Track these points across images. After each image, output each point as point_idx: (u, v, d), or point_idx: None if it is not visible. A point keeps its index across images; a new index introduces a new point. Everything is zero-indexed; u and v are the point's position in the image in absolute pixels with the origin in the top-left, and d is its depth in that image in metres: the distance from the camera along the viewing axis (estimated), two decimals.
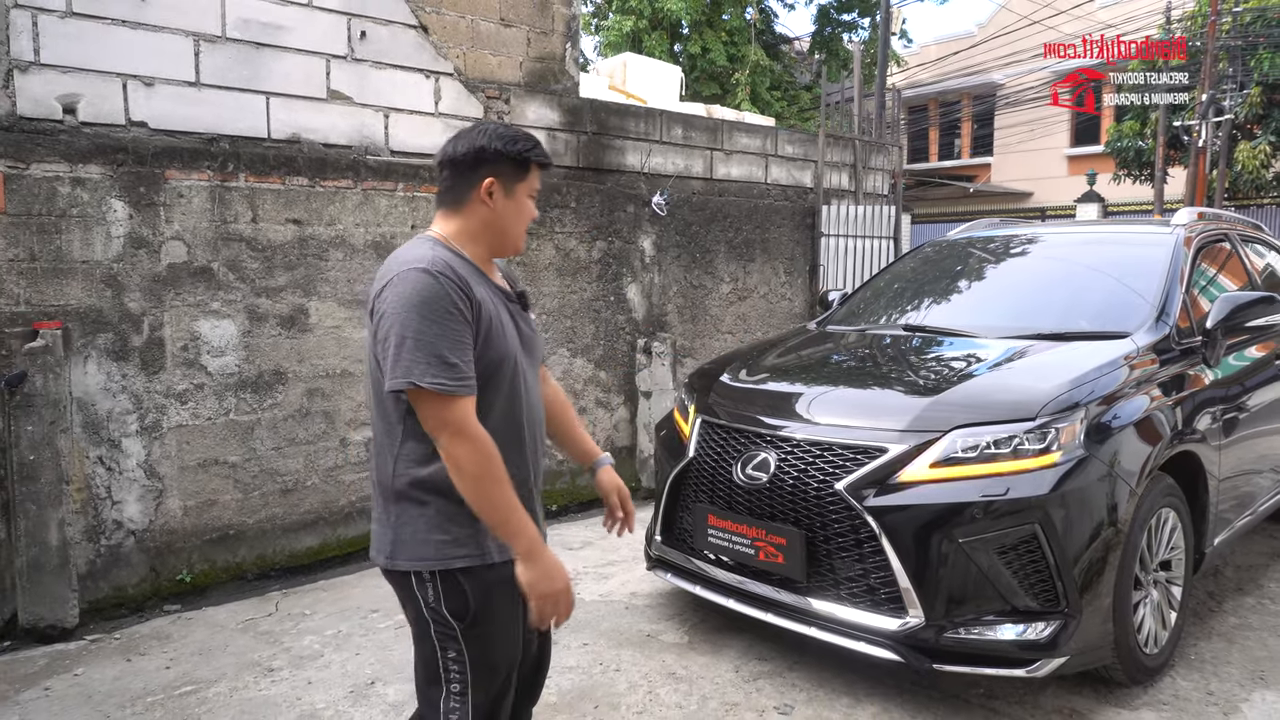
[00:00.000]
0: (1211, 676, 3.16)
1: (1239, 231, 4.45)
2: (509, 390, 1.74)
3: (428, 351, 1.59)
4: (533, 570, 1.65)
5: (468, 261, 1.74)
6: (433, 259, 1.66)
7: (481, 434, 1.62)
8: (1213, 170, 15.01)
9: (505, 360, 1.72)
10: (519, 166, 1.77)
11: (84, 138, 3.84)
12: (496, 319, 1.71)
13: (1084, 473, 2.75)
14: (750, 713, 2.90)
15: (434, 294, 1.61)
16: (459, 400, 1.61)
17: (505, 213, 1.78)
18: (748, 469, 3.08)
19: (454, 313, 1.62)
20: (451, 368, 1.60)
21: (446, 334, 1.61)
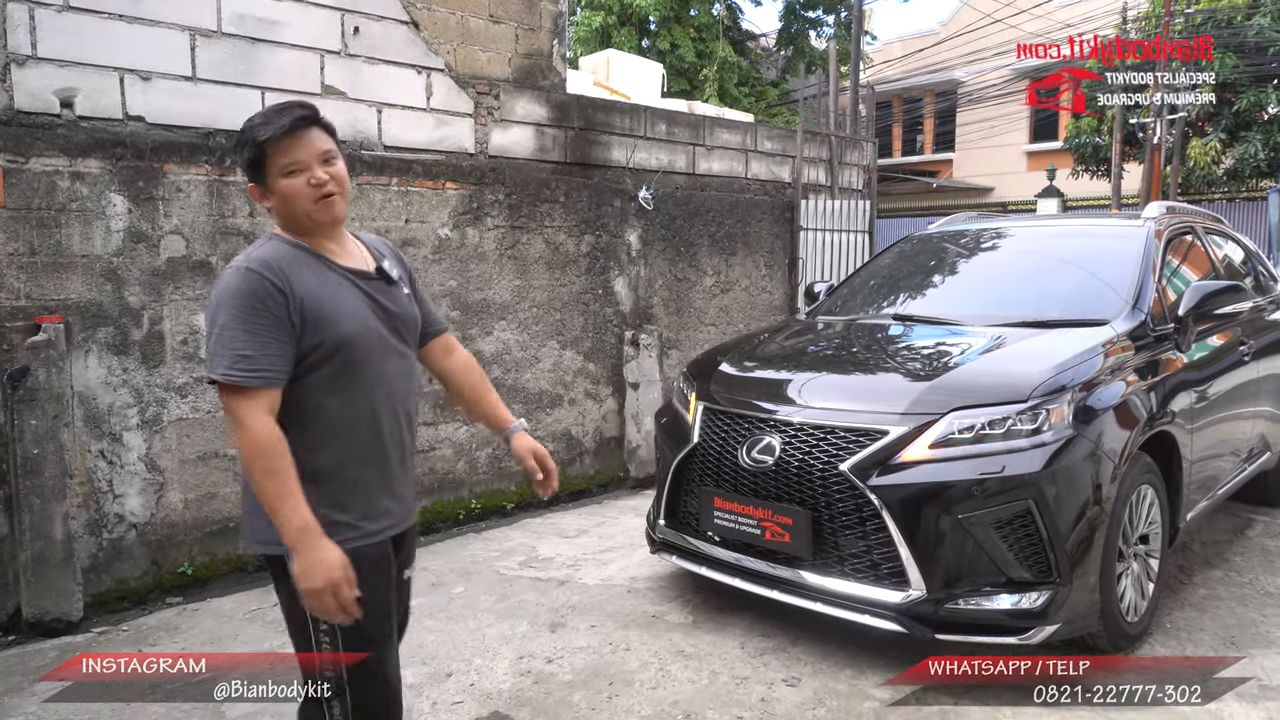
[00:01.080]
0: (1187, 643, 3.36)
1: (1203, 224, 4.68)
2: (352, 372, 1.79)
3: (225, 344, 1.67)
4: (300, 563, 1.66)
5: (303, 249, 1.80)
6: (250, 255, 1.75)
7: (260, 426, 1.66)
8: (1167, 166, 15.50)
9: (347, 342, 1.77)
10: (254, 165, 1.78)
11: (82, 132, 3.84)
12: (327, 304, 1.75)
13: (1072, 451, 2.92)
14: (760, 685, 3.03)
15: (238, 289, 1.69)
16: (246, 392, 1.67)
17: (279, 205, 1.80)
18: (753, 453, 3.21)
19: (258, 307, 1.68)
20: (245, 359, 1.66)
21: (248, 327, 1.67)
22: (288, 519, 1.66)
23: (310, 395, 1.76)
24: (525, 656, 3.27)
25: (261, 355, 1.69)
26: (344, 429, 1.79)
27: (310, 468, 1.73)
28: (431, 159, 5.01)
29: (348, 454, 1.80)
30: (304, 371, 1.75)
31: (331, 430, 1.78)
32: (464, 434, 5.16)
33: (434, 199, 4.98)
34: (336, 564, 1.67)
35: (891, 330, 3.89)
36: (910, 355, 3.53)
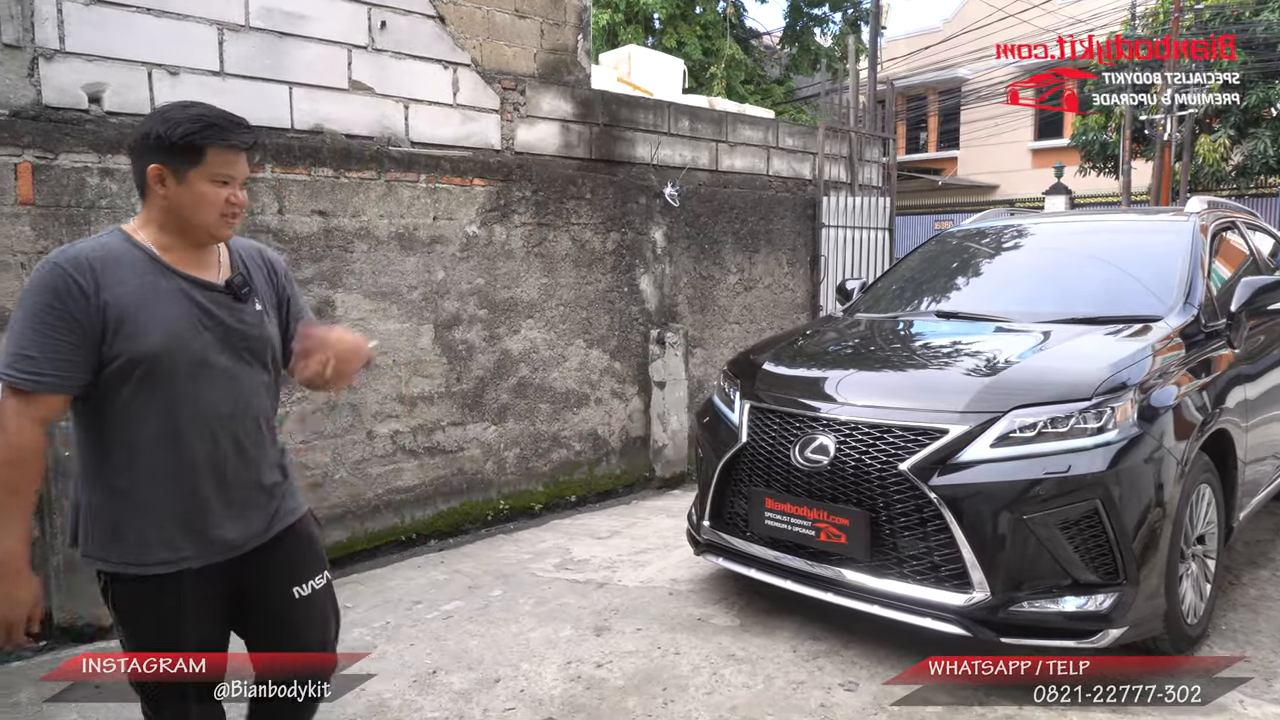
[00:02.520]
0: (1245, 644, 3.30)
1: (1243, 219, 4.62)
2: (154, 390, 1.68)
3: (12, 341, 1.60)
4: None
5: (138, 250, 1.69)
6: (67, 250, 1.66)
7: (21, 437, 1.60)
8: (1176, 163, 15.46)
9: (151, 355, 1.66)
10: (188, 151, 1.67)
11: (110, 127, 3.76)
12: (140, 313, 1.65)
13: (1138, 450, 2.85)
14: (817, 690, 2.96)
15: (41, 286, 1.61)
16: (28, 395, 1.60)
17: (181, 201, 1.69)
18: (807, 452, 3.14)
19: (55, 305, 1.59)
20: (27, 360, 1.59)
21: (38, 326, 1.59)
22: None
23: (108, 408, 1.67)
24: (573, 661, 3.20)
25: (45, 359, 1.59)
26: (140, 450, 1.68)
27: (103, 485, 1.68)
28: (459, 155, 4.93)
29: (141, 478, 1.69)
30: (104, 382, 1.65)
31: (125, 447, 1.68)
32: (492, 434, 5.09)
33: (461, 196, 4.90)
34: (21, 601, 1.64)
35: (937, 327, 3.83)
36: (962, 352, 3.46)
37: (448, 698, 2.97)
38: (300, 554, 1.91)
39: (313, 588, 1.91)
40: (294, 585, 1.89)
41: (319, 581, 1.92)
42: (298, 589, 1.89)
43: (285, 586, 1.88)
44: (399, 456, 4.72)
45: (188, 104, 1.75)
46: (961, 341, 3.60)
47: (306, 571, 1.92)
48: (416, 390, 4.77)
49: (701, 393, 6.21)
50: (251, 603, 1.86)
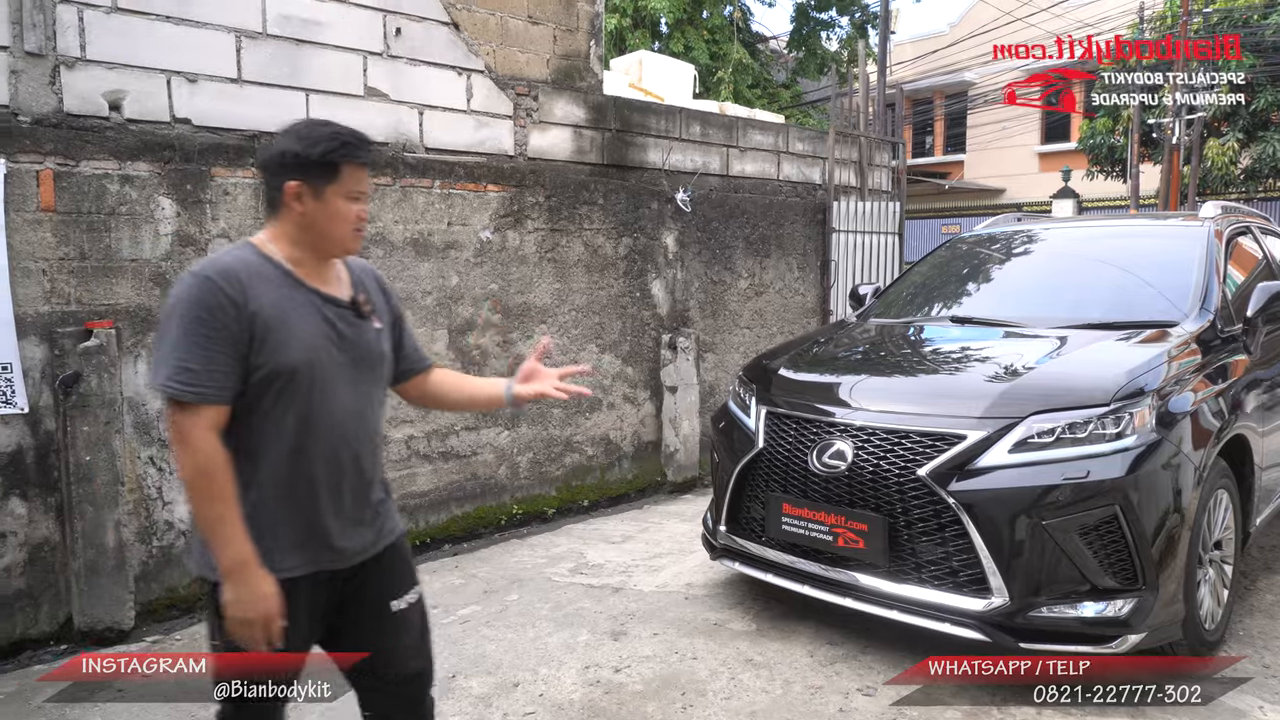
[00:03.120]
0: (1264, 650, 3.30)
1: (1257, 224, 4.62)
2: (288, 404, 1.70)
3: (172, 354, 1.61)
4: (233, 591, 1.65)
5: (273, 265, 1.72)
6: (210, 263, 1.68)
7: (205, 446, 1.61)
8: (1185, 166, 15.43)
9: (291, 369, 1.69)
10: (325, 169, 1.71)
11: (130, 135, 3.80)
12: (281, 327, 1.68)
13: (1157, 456, 2.86)
14: (836, 695, 2.97)
15: (192, 298, 1.62)
16: (190, 407, 1.61)
17: (317, 217, 1.73)
18: (824, 457, 3.15)
19: (206, 319, 1.61)
20: (188, 372, 1.60)
21: (196, 339, 1.60)
22: (226, 543, 1.63)
23: (245, 420, 1.69)
24: (591, 666, 3.21)
25: (205, 370, 1.61)
26: (270, 462, 1.71)
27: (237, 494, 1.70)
28: (473, 161, 4.96)
29: (269, 489, 1.72)
30: (247, 393, 1.68)
31: (257, 461, 1.71)
32: (505, 439, 5.11)
33: (475, 201, 4.93)
34: (270, 596, 1.66)
35: (952, 332, 3.84)
36: (978, 358, 3.47)
37: (468, 702, 2.99)
38: (397, 569, 1.94)
39: (408, 602, 1.94)
40: (391, 599, 1.91)
41: (413, 596, 1.95)
42: (394, 602, 1.92)
43: (384, 600, 1.90)
44: (413, 461, 4.74)
45: (321, 122, 1.78)
46: (977, 347, 3.60)
47: (402, 586, 1.95)
48: None
49: (713, 397, 6.22)
50: (348, 615, 1.88)
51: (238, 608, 1.65)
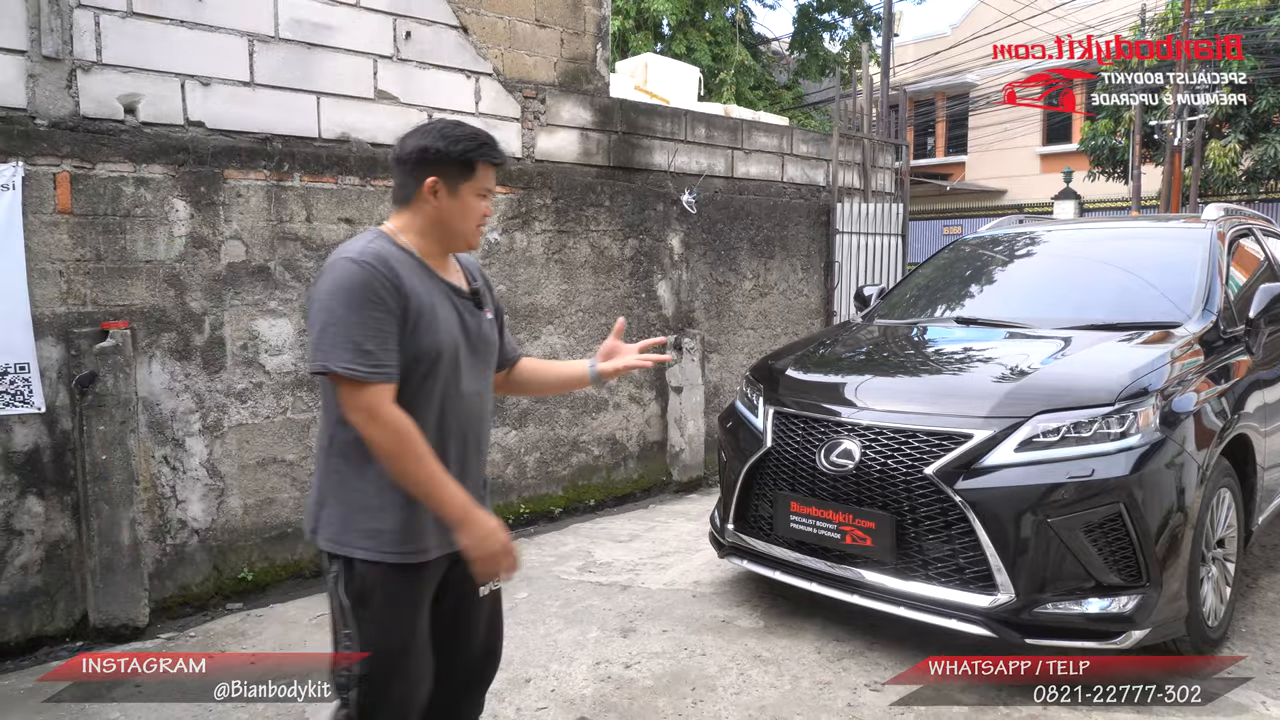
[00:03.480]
0: (1266, 647, 3.34)
1: (1259, 226, 4.66)
2: (431, 388, 1.77)
3: (345, 338, 1.65)
4: (469, 534, 1.71)
5: (409, 254, 1.79)
6: (363, 250, 1.72)
7: (395, 416, 1.67)
8: (1186, 168, 15.47)
9: (437, 353, 1.76)
10: (463, 167, 1.79)
11: (145, 138, 3.84)
12: (429, 312, 1.75)
13: (1160, 455, 2.90)
14: (844, 690, 3.01)
15: (356, 282, 1.67)
16: (372, 386, 1.66)
17: (450, 211, 1.80)
18: (832, 456, 3.20)
19: (375, 301, 1.67)
20: (367, 354, 1.65)
21: (365, 322, 1.66)
22: (448, 496, 1.69)
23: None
24: (602, 662, 3.25)
25: (381, 350, 1.67)
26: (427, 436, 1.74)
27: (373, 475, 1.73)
28: None
29: None
30: None
31: None
32: (513, 438, 5.15)
33: None
34: (500, 529, 1.74)
35: (957, 334, 3.88)
36: (983, 358, 3.51)
37: None
38: None
39: (491, 588, 2.00)
40: (480, 584, 1.96)
41: (495, 584, 2.00)
42: (483, 587, 1.97)
43: (474, 584, 1.93)
44: None
45: (457, 123, 1.85)
46: (981, 347, 3.65)
47: None
48: None
49: (718, 397, 6.27)
50: (444, 598, 1.91)
51: (479, 547, 1.72)
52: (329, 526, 1.78)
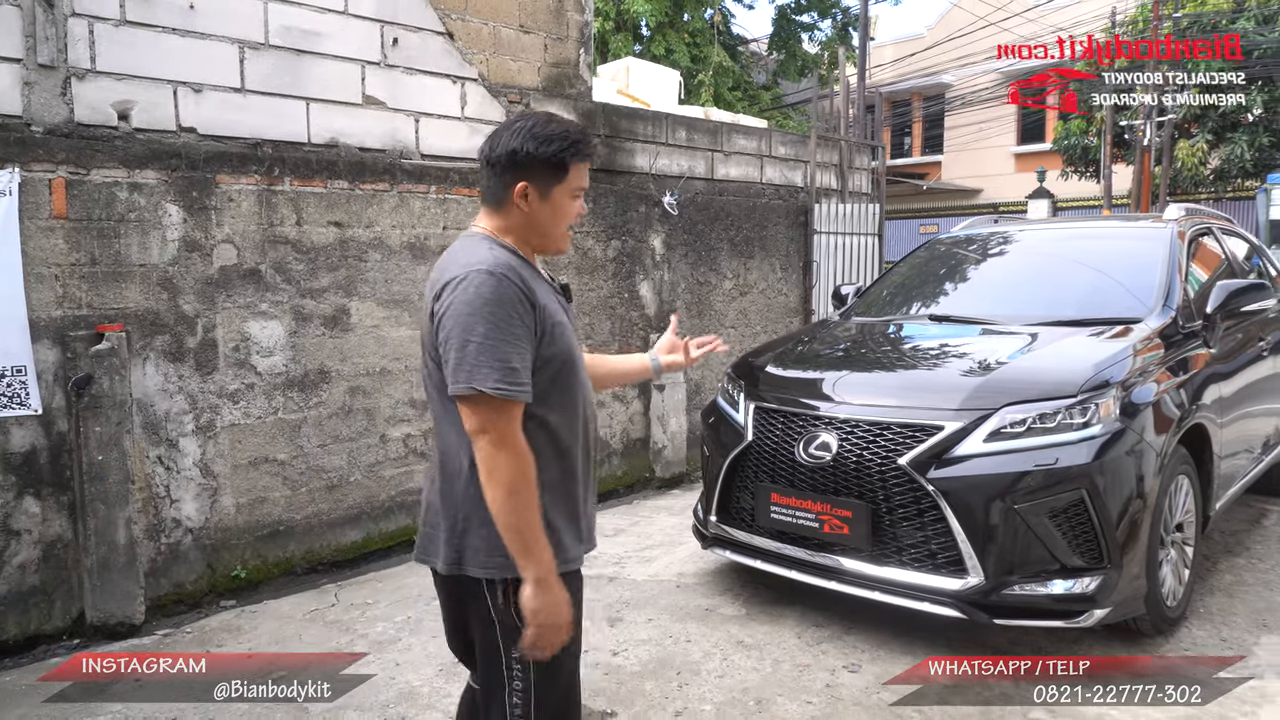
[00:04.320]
0: (1221, 625, 3.51)
1: (1218, 225, 4.85)
2: (570, 386, 1.74)
3: (490, 355, 1.57)
4: (542, 599, 1.60)
5: (523, 259, 1.73)
6: (494, 260, 1.64)
7: (525, 447, 1.60)
8: (1156, 167, 15.79)
9: (568, 356, 1.72)
10: (555, 168, 1.71)
11: (138, 144, 3.91)
12: (556, 317, 1.71)
13: (1121, 444, 3.06)
14: (823, 672, 3.15)
15: (497, 296, 1.59)
16: (513, 406, 1.59)
17: (541, 215, 1.73)
18: (810, 449, 3.33)
19: (515, 316, 1.60)
20: (513, 372, 1.58)
21: (509, 337, 1.59)
22: (541, 551, 1.60)
23: (539, 409, 1.67)
24: (591, 649, 3.37)
25: (524, 368, 1.60)
26: (564, 446, 1.73)
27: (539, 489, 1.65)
28: (467, 166, 5.10)
29: (568, 472, 1.74)
30: (537, 384, 1.67)
31: (554, 447, 1.71)
32: None
33: (470, 206, 5.07)
34: (568, 605, 1.65)
35: (930, 330, 4.03)
36: (955, 353, 3.66)
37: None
38: None
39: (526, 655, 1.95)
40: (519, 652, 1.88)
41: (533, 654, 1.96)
42: None
43: None
44: (411, 459, 4.88)
45: (548, 120, 1.76)
46: (953, 343, 3.80)
47: None
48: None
49: (699, 395, 6.40)
50: None
51: (546, 615, 1.61)
52: (478, 553, 1.67)
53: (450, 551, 1.70)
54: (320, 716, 2.96)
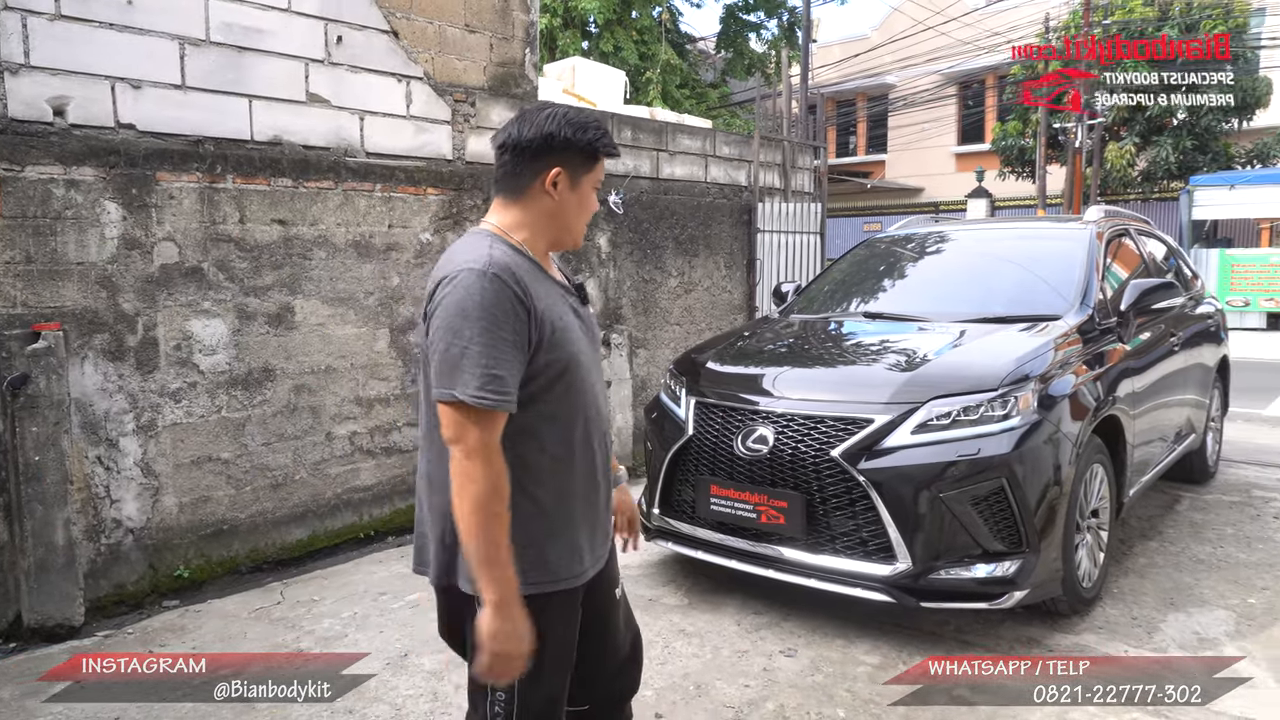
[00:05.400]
0: (1133, 605, 3.73)
1: (1135, 226, 5.11)
2: (574, 395, 1.66)
3: (473, 361, 1.50)
4: (498, 625, 1.51)
5: (527, 257, 1.64)
6: (489, 259, 1.55)
7: (500, 461, 1.53)
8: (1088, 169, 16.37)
9: (571, 362, 1.64)
10: (588, 157, 1.66)
11: (75, 140, 3.86)
12: (560, 320, 1.63)
13: (1038, 434, 3.24)
14: (760, 657, 3.27)
15: (487, 299, 1.51)
16: (492, 416, 1.51)
17: (568, 205, 1.67)
18: (748, 442, 3.45)
19: (505, 320, 1.52)
20: (497, 380, 1.51)
21: (496, 342, 1.51)
22: (501, 574, 1.52)
23: (531, 421, 1.60)
24: None
25: (510, 376, 1.52)
26: (563, 458, 1.66)
27: (528, 502, 1.60)
28: (412, 165, 5.12)
29: (566, 486, 1.67)
30: (530, 393, 1.59)
31: (553, 460, 1.65)
32: None
33: (415, 204, 5.10)
34: (529, 635, 1.55)
35: (865, 327, 4.19)
36: (886, 349, 3.82)
37: (420, 677, 3.19)
38: (614, 556, 1.92)
39: (623, 589, 1.95)
40: (614, 586, 1.91)
41: (622, 584, 1.95)
42: (616, 589, 1.92)
43: (610, 587, 1.88)
44: (357, 457, 4.89)
45: (579, 109, 1.72)
46: (886, 339, 3.96)
47: (618, 572, 1.94)
48: (373, 393, 4.95)
49: (645, 391, 6.50)
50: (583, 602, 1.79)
51: (503, 642, 1.52)
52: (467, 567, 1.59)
53: (439, 564, 1.66)
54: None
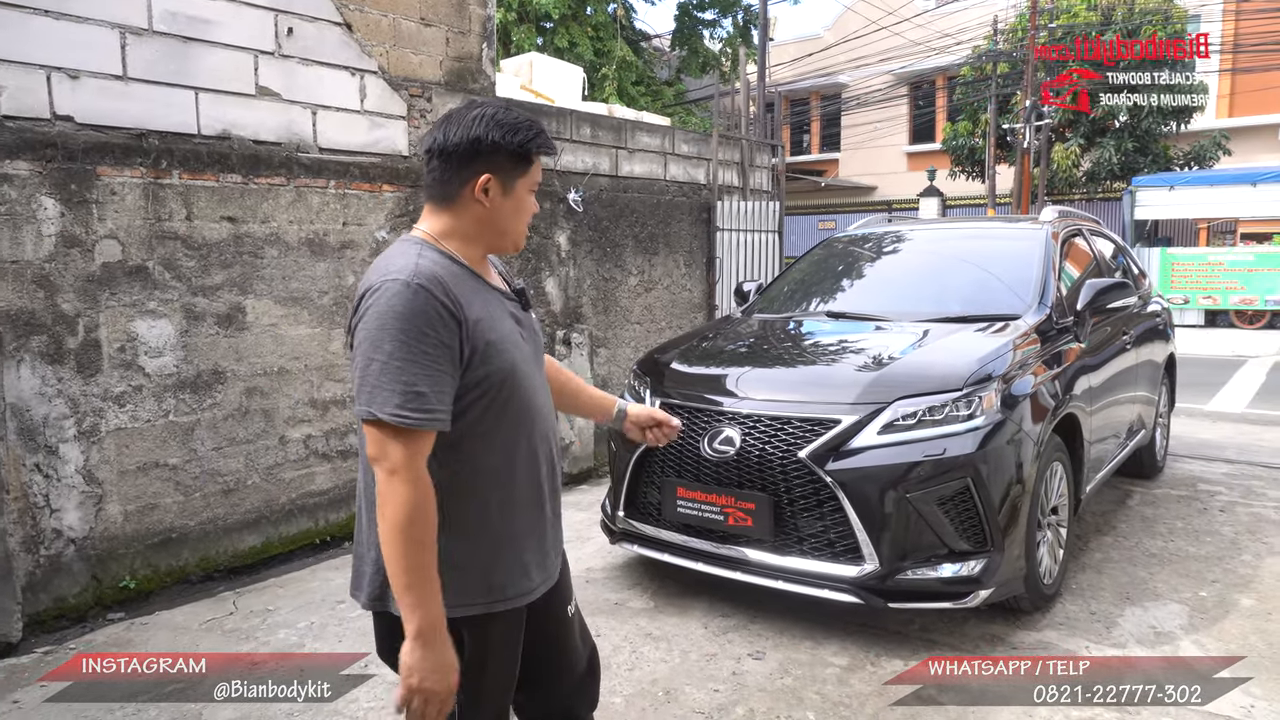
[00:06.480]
0: (1091, 600, 3.79)
1: (1087, 226, 5.20)
2: (513, 408, 1.59)
3: (393, 378, 1.42)
4: (423, 656, 1.44)
5: (460, 265, 1.56)
6: (415, 269, 1.47)
7: (427, 482, 1.45)
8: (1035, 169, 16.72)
9: (511, 372, 1.57)
10: (520, 160, 1.57)
11: (8, 132, 3.68)
12: (495, 331, 1.55)
13: (1002, 433, 3.26)
14: (729, 660, 3.25)
15: (410, 310, 1.43)
16: (417, 435, 1.43)
17: (502, 211, 1.58)
18: (715, 444, 3.42)
19: (430, 334, 1.44)
20: (418, 397, 1.43)
21: (417, 357, 1.43)
22: (426, 602, 1.43)
23: (466, 435, 1.53)
24: None
25: (434, 393, 1.44)
26: (506, 472, 1.59)
27: (459, 521, 1.53)
28: (367, 161, 4.99)
29: (510, 501, 1.60)
30: (464, 407, 1.52)
31: (487, 476, 1.57)
32: None
33: (370, 201, 4.97)
34: (453, 668, 1.48)
35: (828, 327, 4.19)
36: (851, 349, 3.82)
37: (382, 688, 3.10)
38: (566, 572, 1.86)
39: (575, 605, 1.88)
40: (566, 604, 1.84)
41: (575, 600, 1.89)
42: (568, 607, 1.85)
43: (561, 605, 1.81)
44: (312, 461, 4.76)
45: (507, 107, 1.60)
46: (850, 340, 3.96)
47: (571, 588, 1.88)
48: (328, 395, 4.82)
49: (606, 390, 6.44)
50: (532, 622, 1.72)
51: (425, 676, 1.44)
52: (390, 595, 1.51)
53: (372, 588, 1.58)
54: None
